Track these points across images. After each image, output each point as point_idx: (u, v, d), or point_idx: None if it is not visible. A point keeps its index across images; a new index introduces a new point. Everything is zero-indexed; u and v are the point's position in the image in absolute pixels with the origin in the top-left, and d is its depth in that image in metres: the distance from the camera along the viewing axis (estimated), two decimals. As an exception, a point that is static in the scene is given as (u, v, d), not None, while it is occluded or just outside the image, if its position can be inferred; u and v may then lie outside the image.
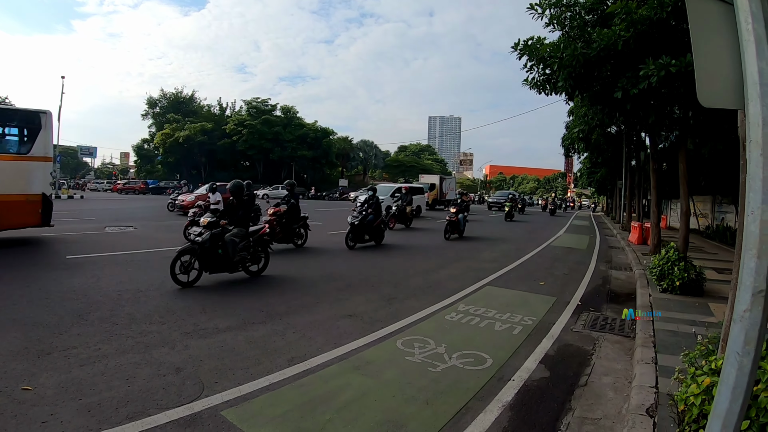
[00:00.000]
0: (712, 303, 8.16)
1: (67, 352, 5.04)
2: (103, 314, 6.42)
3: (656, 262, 9.39)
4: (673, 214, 30.16)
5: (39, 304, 6.73)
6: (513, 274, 11.17)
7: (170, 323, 6.20)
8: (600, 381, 5.02)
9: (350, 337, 6.00)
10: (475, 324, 6.81)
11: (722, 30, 2.33)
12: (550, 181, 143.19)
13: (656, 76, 7.64)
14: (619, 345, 6.24)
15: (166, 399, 4.07)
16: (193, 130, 69.21)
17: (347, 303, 7.75)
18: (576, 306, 8.22)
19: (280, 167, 74.17)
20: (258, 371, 4.77)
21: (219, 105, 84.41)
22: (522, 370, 5.17)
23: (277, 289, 8.51)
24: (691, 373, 3.69)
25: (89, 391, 4.15)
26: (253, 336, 5.87)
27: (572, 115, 22.79)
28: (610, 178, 38.76)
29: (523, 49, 9.96)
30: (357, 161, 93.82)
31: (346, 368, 4.99)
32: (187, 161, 71.77)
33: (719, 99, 2.35)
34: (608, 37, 8.73)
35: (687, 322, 6.91)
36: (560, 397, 4.57)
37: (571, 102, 15.79)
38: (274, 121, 72.75)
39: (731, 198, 20.25)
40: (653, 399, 4.23)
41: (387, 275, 10.18)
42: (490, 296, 8.64)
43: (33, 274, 8.54)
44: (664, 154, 19.36)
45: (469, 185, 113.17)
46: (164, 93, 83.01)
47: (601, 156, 29.74)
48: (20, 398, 3.94)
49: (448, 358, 5.35)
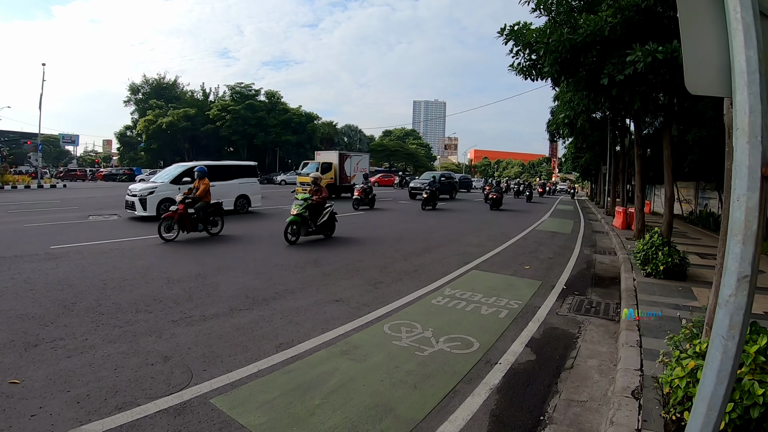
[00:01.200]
0: (696, 287, 8.29)
1: (54, 343, 5.00)
2: (89, 304, 6.37)
3: (640, 246, 9.50)
4: (657, 199, 30.46)
5: (24, 296, 6.66)
6: (498, 258, 11.24)
7: (157, 311, 6.17)
8: (586, 364, 5.10)
9: (337, 322, 6.03)
10: (462, 308, 6.87)
11: (711, 18, 2.33)
12: (535, 166, 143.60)
13: (643, 62, 7.67)
14: (603, 328, 6.33)
15: (154, 388, 4.06)
16: (176, 116, 68.40)
17: (333, 288, 7.77)
18: (561, 290, 8.31)
19: (265, 153, 73.59)
20: (246, 358, 4.77)
21: (202, 90, 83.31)
22: (509, 353, 5.23)
23: (263, 275, 8.48)
24: (676, 356, 3.76)
25: (77, 382, 4.13)
26: (240, 323, 5.87)
27: (558, 100, 22.90)
28: (594, 163, 39.07)
29: (509, 35, 9.95)
30: (342, 146, 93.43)
31: (334, 353, 5.01)
32: (171, 148, 70.98)
33: (707, 86, 2.37)
34: (595, 23, 8.73)
35: (671, 306, 7.02)
36: (546, 379, 4.64)
37: (557, 87, 15.83)
38: (257, 107, 72.03)
39: (715, 184, 20.49)
40: (638, 381, 4.30)
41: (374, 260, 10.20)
42: (476, 280, 8.70)
43: (17, 266, 8.41)
44: (649, 140, 19.51)
45: (454, 169, 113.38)
46: (147, 79, 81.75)
47: (586, 141, 29.93)
48: (8, 392, 3.91)
49: (435, 342, 5.40)
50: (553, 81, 11.51)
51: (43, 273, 8.02)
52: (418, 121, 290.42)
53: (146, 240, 11.55)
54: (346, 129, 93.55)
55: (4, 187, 33.70)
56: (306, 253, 10.75)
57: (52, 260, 8.97)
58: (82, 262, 8.95)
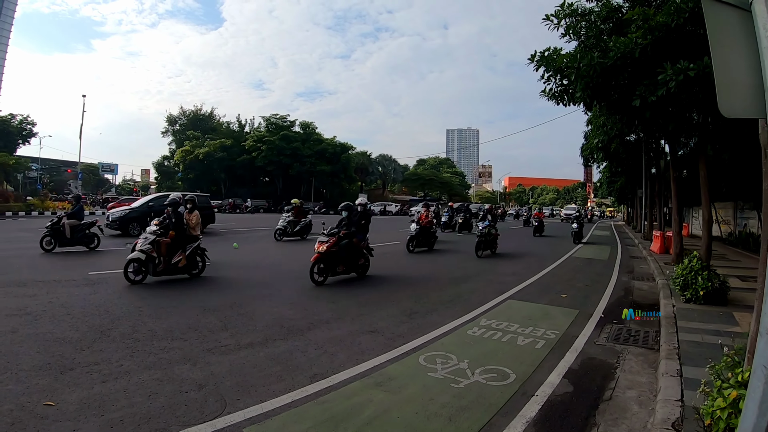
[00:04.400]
0: (737, 312, 8.02)
1: (89, 368, 5.10)
2: (125, 330, 6.50)
3: (679, 271, 9.25)
4: (694, 221, 29.74)
5: (61, 320, 6.84)
6: (534, 287, 11.07)
7: (192, 339, 6.24)
8: (624, 395, 4.94)
9: (372, 353, 5.98)
10: (498, 338, 6.75)
11: (741, 38, 2.30)
12: (570, 192, 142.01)
13: (674, 80, 7.58)
14: (643, 357, 6.13)
15: (188, 416, 4.09)
16: (212, 146, 69.95)
17: (368, 318, 7.74)
18: (599, 318, 8.11)
19: (300, 183, 74.54)
20: (280, 388, 4.76)
21: (238, 121, 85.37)
22: (545, 384, 5.11)
23: (298, 304, 8.52)
24: (717, 386, 3.62)
25: (111, 407, 4.18)
26: (274, 352, 5.88)
27: (591, 124, 22.68)
28: (630, 187, 38.37)
29: (540, 61, 9.96)
30: (376, 175, 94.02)
31: (368, 384, 4.97)
32: (207, 177, 72.47)
33: (740, 108, 2.33)
34: (625, 44, 8.69)
35: (712, 332, 6.80)
36: (584, 411, 4.50)
37: (590, 112, 15.72)
38: (292, 137, 73.21)
39: (753, 203, 19.93)
40: (679, 413, 4.14)
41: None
42: (512, 310, 8.56)
43: (55, 290, 8.67)
44: (684, 161, 19.15)
45: (489, 198, 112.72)
46: (184, 110, 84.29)
47: (621, 165, 29.50)
48: (42, 413, 3.99)
49: (470, 374, 5.31)
50: (585, 105, 11.46)
51: (81, 298, 8.25)
52: (451, 150, 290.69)
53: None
54: (380, 158, 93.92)
55: (45, 212, 35.08)
56: (340, 284, 10.76)
57: (90, 286, 9.23)
58: (119, 288, 9.19)
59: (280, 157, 70.97)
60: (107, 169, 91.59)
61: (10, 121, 65.35)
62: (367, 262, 11.75)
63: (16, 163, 55.53)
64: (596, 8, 10.82)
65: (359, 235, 11.31)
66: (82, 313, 7.30)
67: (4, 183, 53.13)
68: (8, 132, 63.53)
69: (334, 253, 10.54)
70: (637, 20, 8.84)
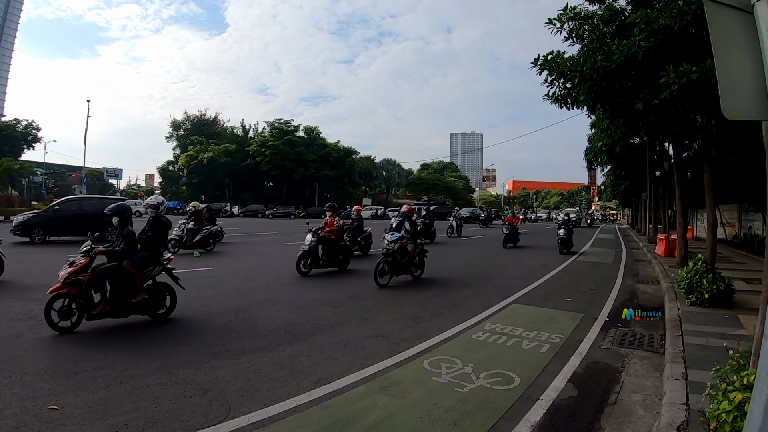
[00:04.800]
0: (742, 315, 7.99)
1: (94, 372, 5.12)
2: (129, 335, 6.53)
3: (684, 274, 9.23)
4: (699, 224, 29.68)
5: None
6: (539, 290, 11.06)
7: (196, 344, 6.25)
8: (629, 398, 4.92)
9: (376, 357, 5.97)
10: (502, 343, 6.74)
11: (743, 40, 2.30)
12: (574, 195, 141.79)
13: (677, 83, 7.57)
14: (648, 361, 6.11)
15: (192, 420, 4.09)
16: (216, 151, 70.16)
17: (372, 323, 7.73)
18: (604, 322, 8.09)
19: (304, 187, 74.60)
20: (284, 393, 4.76)
21: (242, 126, 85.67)
22: (550, 389, 5.09)
23: (303, 309, 8.53)
24: (723, 389, 3.61)
25: (116, 411, 4.20)
26: (279, 357, 5.89)
27: (595, 127, 22.64)
28: (634, 190, 38.29)
29: (543, 65, 9.94)
30: (380, 180, 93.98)
31: (373, 389, 4.96)
32: (212, 182, 72.73)
33: (743, 111, 2.33)
34: (628, 47, 8.68)
35: (717, 335, 6.77)
36: (589, 416, 4.49)
37: (593, 115, 15.70)
38: (296, 142, 73.28)
39: (758, 205, 19.88)
40: (684, 416, 4.12)
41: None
42: (517, 314, 8.55)
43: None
44: (689, 164, 19.11)
45: (493, 201, 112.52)
46: (188, 115, 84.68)
47: (625, 168, 29.42)
48: (47, 417, 4.02)
49: (475, 378, 5.29)
50: (589, 109, 11.45)
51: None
52: (455, 154, 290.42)
53: (189, 273, 11.74)
54: (384, 163, 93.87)
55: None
56: (345, 288, 10.78)
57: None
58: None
59: (284, 162, 71.06)
60: (112, 174, 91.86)
61: (15, 126, 65.83)
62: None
63: (20, 167, 55.95)
64: (599, 11, 10.84)
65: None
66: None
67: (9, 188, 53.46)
68: (13, 137, 63.95)
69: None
70: (640, 23, 8.83)
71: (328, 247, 12.97)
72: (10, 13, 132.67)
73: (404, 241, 11.40)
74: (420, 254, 12.26)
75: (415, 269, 11.98)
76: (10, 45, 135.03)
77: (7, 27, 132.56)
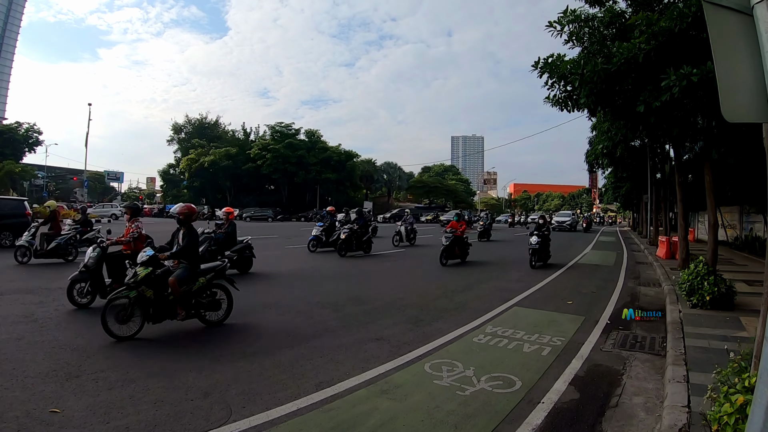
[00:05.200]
0: (744, 317, 7.99)
1: (95, 375, 5.13)
2: (130, 338, 6.49)
3: (685, 277, 9.22)
4: (700, 226, 29.64)
5: (67, 327, 6.91)
6: (540, 293, 11.05)
7: (197, 347, 6.26)
8: (631, 401, 4.91)
9: (377, 360, 5.97)
10: (504, 346, 6.73)
11: (743, 42, 2.31)
12: (575, 198, 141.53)
13: (678, 86, 7.58)
14: (649, 363, 6.10)
15: (193, 423, 4.09)
16: (218, 154, 70.14)
17: (374, 326, 7.73)
18: (605, 325, 8.07)
19: (305, 190, 74.52)
20: (286, 396, 4.76)
21: (243, 130, 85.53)
22: (552, 392, 5.08)
23: (304, 313, 8.53)
24: (724, 391, 3.61)
25: (117, 414, 4.20)
26: (280, 360, 5.88)
27: (595, 130, 22.65)
28: (635, 192, 38.24)
29: (543, 67, 9.94)
30: (381, 183, 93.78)
31: (374, 392, 4.96)
32: (213, 186, 72.69)
33: (743, 113, 2.33)
34: (628, 50, 8.69)
35: (718, 337, 6.77)
36: (591, 419, 4.48)
37: (594, 118, 15.70)
38: (297, 145, 73.18)
39: (759, 207, 19.87)
40: (686, 419, 4.11)
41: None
42: (518, 317, 8.54)
43: (61, 298, 8.61)
44: (690, 166, 19.09)
45: (494, 204, 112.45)
46: (189, 119, 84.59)
47: (626, 170, 29.41)
48: (48, 420, 4.02)
49: (476, 381, 5.29)
50: (590, 111, 11.45)
51: (85, 306, 8.29)
52: (456, 157, 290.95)
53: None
54: (385, 166, 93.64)
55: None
56: (346, 292, 10.77)
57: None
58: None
59: (286, 165, 71.00)
60: (113, 177, 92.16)
61: (16, 130, 65.89)
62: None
63: (22, 170, 56.07)
64: (599, 14, 10.85)
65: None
66: (89, 320, 7.32)
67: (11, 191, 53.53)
68: (14, 140, 64.03)
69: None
70: (640, 25, 8.84)
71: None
72: (11, 17, 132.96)
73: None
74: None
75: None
76: (12, 48, 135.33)
77: (9, 30, 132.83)
